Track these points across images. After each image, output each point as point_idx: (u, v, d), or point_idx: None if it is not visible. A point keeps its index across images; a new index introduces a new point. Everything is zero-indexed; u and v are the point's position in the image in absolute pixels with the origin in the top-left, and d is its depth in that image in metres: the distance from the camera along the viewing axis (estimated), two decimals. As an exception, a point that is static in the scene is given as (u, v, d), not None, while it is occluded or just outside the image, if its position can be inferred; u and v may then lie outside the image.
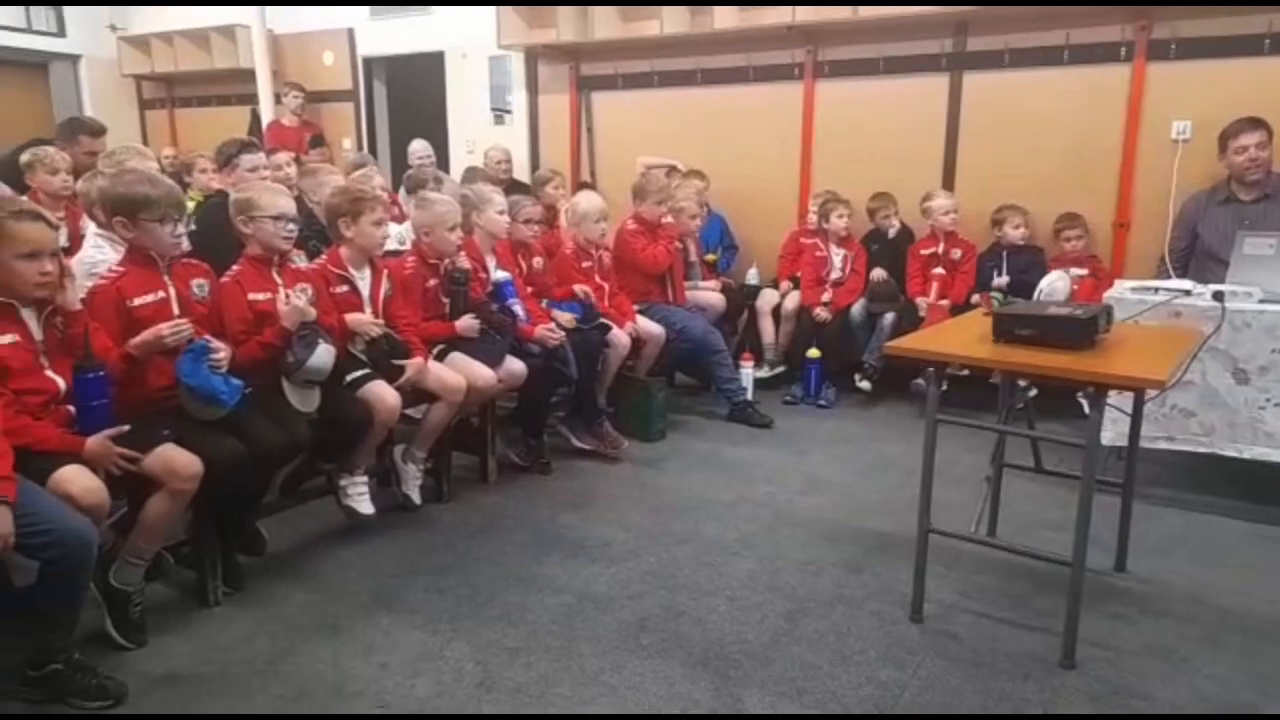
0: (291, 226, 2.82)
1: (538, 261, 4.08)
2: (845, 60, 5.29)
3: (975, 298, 4.54)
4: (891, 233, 5.00)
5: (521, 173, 6.42)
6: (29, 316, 2.21)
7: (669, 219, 4.59)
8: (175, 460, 2.29)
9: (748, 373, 4.67)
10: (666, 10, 5.38)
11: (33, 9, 7.97)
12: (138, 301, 2.46)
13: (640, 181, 4.66)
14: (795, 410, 4.73)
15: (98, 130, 4.69)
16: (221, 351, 2.46)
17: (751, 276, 5.40)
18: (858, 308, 4.81)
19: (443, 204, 3.46)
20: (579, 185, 6.06)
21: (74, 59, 8.24)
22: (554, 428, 4.04)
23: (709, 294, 4.93)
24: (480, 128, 6.85)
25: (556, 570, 2.86)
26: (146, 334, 2.37)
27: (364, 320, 3.05)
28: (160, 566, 2.55)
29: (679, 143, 5.80)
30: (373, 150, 7.57)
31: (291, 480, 2.99)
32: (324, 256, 3.15)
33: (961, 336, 2.50)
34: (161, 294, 2.51)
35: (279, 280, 2.82)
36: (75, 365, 2.22)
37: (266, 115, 7.59)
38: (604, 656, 2.34)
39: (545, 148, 6.61)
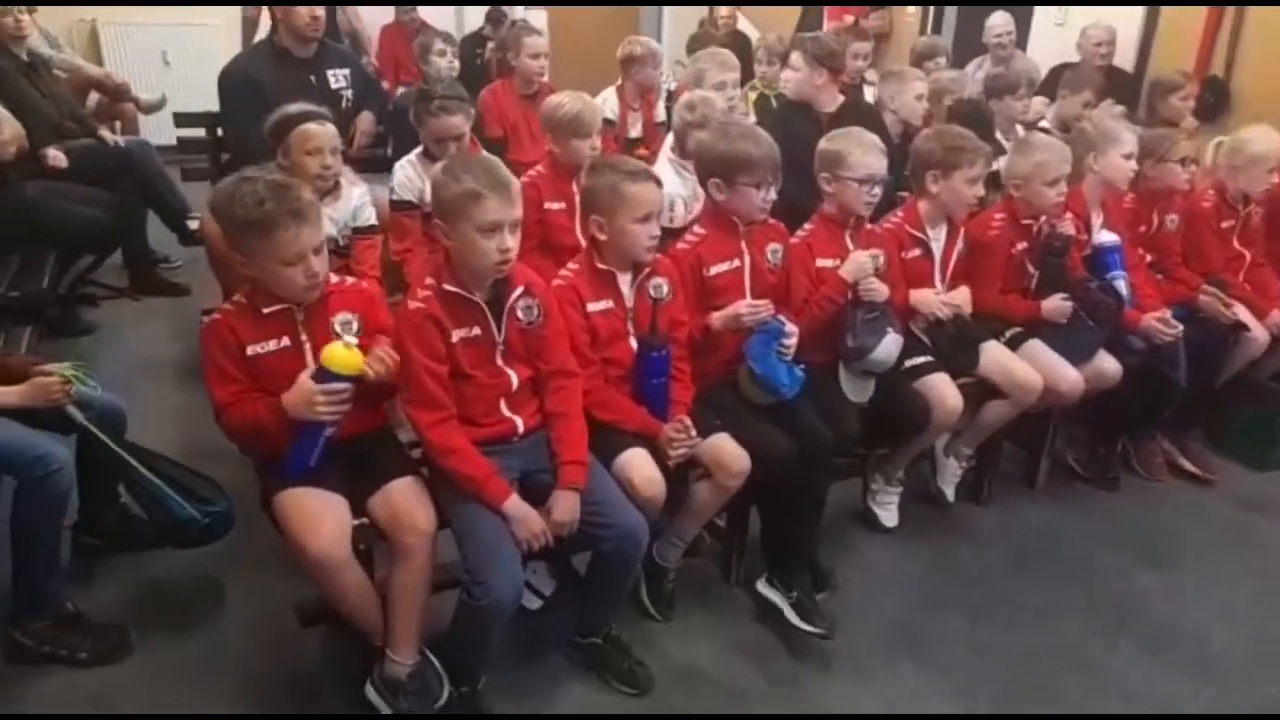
0: (877, 190, 2.39)
1: (1171, 220, 3.14)
2: None
3: None
4: None
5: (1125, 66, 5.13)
6: (625, 283, 2.14)
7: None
8: (724, 453, 2.12)
9: None
10: None
11: None
12: (714, 270, 2.27)
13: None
14: None
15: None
16: (793, 336, 2.20)
17: None
18: None
19: (1045, 149, 2.73)
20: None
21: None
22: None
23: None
24: (1081, -2, 5.56)
25: (1130, 671, 2.24)
26: (727, 312, 2.20)
27: (931, 300, 2.55)
28: (696, 545, 2.50)
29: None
30: (938, 23, 6.75)
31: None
32: (899, 214, 2.67)
33: None
34: (737, 262, 2.30)
35: (850, 246, 2.45)
36: (640, 339, 2.12)
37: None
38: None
39: (1168, 39, 5.14)
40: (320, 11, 3.44)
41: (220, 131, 3.80)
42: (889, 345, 2.33)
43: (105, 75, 5.82)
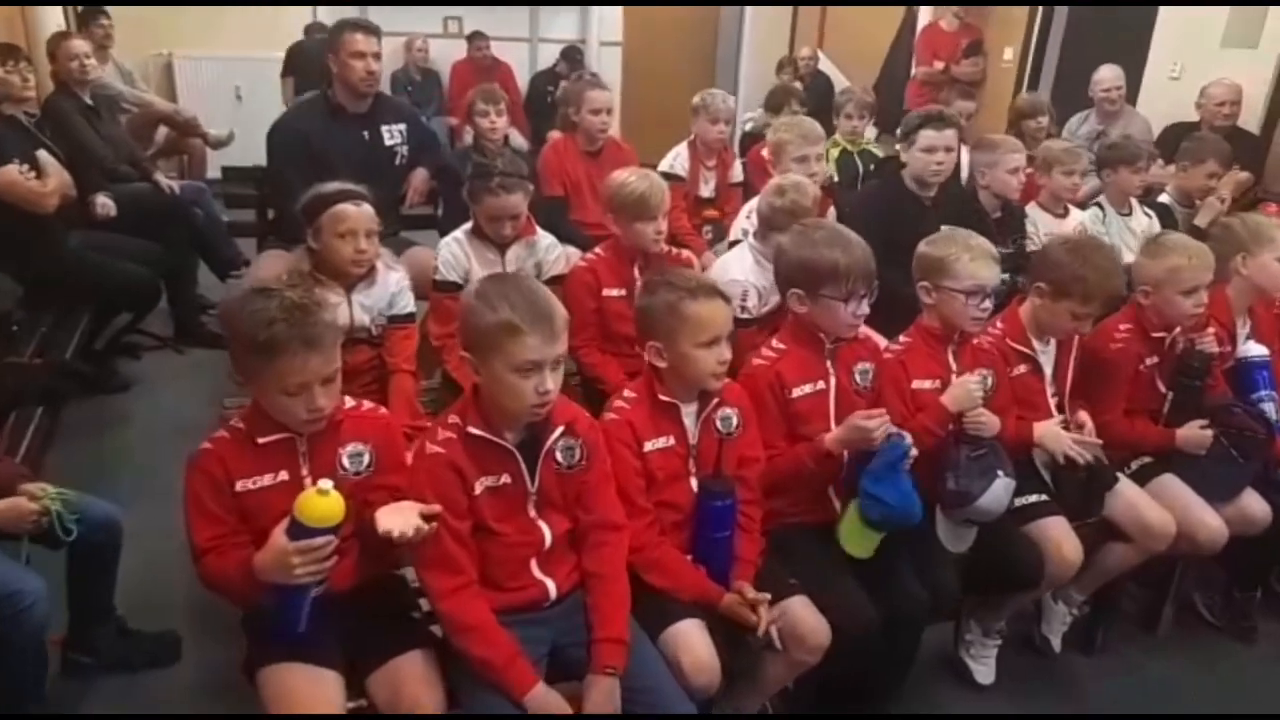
0: (987, 304, 2.03)
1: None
2: None
3: None
4: None
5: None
6: (688, 415, 1.82)
7: None
8: (802, 623, 1.76)
9: None
10: None
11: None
12: (797, 392, 1.94)
13: None
14: None
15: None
16: (914, 451, 1.85)
17: None
18: None
19: (1181, 251, 2.32)
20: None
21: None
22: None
23: None
24: (1200, 49, 5.08)
25: None
26: (849, 424, 1.85)
27: (1060, 439, 2.14)
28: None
29: None
30: (1035, 74, 6.30)
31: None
32: (999, 324, 2.29)
33: None
34: (821, 384, 1.96)
35: (953, 365, 2.09)
36: (703, 485, 1.79)
37: (924, 17, 6.77)
38: None
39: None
40: (376, 66, 3.23)
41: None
42: (999, 492, 1.95)
43: (174, 110, 5.80)
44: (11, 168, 3.12)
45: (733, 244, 3.17)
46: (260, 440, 1.58)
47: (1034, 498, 2.15)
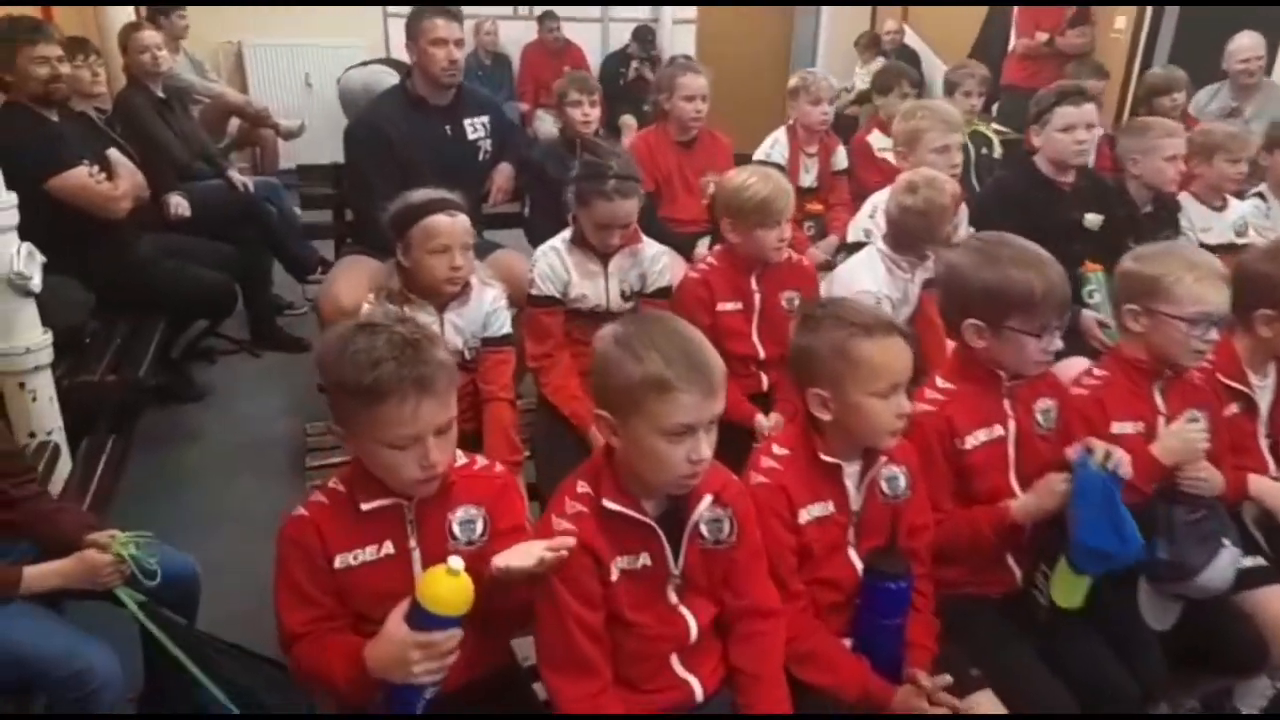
0: (1214, 334, 1.68)
1: None
2: None
3: None
4: None
5: None
6: (850, 476, 1.53)
7: None
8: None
9: None
10: None
11: None
12: (969, 441, 1.63)
13: None
14: None
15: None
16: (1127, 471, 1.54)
17: None
18: None
19: None
20: None
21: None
22: None
23: None
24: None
25: None
26: (1027, 500, 1.56)
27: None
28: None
29: None
30: (1150, 45, 5.76)
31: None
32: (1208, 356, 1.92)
33: None
34: (998, 429, 1.64)
35: (1161, 405, 1.75)
36: (871, 564, 1.50)
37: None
38: None
39: None
40: (459, 55, 2.97)
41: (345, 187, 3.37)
42: (1224, 565, 1.62)
43: (246, 102, 5.67)
44: (81, 170, 2.94)
45: (849, 246, 2.84)
46: (364, 506, 1.34)
47: (1249, 562, 1.79)
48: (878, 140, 3.84)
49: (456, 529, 1.37)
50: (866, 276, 2.32)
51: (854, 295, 2.26)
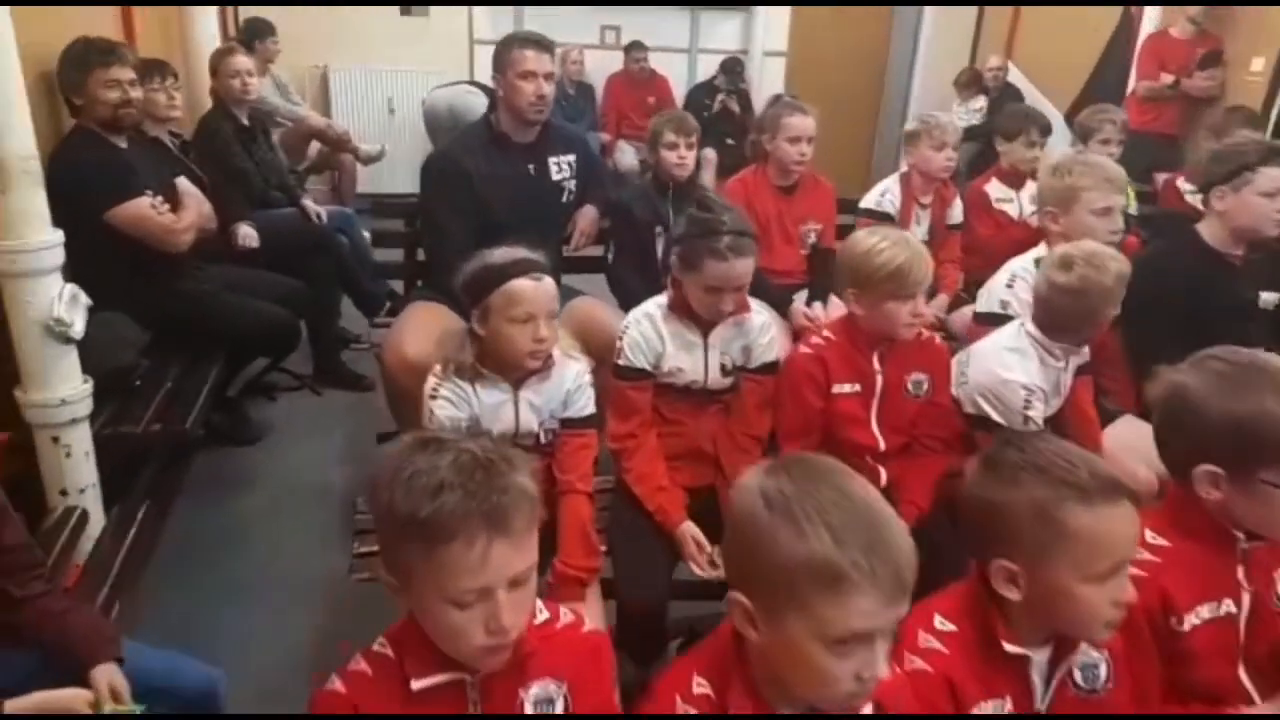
0: None
1: None
2: None
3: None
4: None
5: None
6: (1036, 668, 1.17)
7: None
8: None
9: None
10: None
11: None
12: (1191, 620, 1.27)
13: None
14: None
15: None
16: None
17: None
18: None
19: None
20: None
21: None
22: None
23: None
24: None
25: None
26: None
27: None
28: None
29: None
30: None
31: None
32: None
33: None
34: (1229, 605, 1.28)
35: None
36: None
37: (1149, 23, 5.80)
38: None
39: None
40: (548, 89, 2.72)
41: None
42: None
43: (327, 125, 5.61)
44: (144, 200, 2.78)
45: (983, 316, 2.49)
46: (415, 685, 1.05)
47: None
48: (996, 190, 3.49)
49: (529, 707, 1.07)
50: (1016, 365, 1.97)
51: (998, 385, 1.94)
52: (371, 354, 3.88)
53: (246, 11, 5.57)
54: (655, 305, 2.02)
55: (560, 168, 2.90)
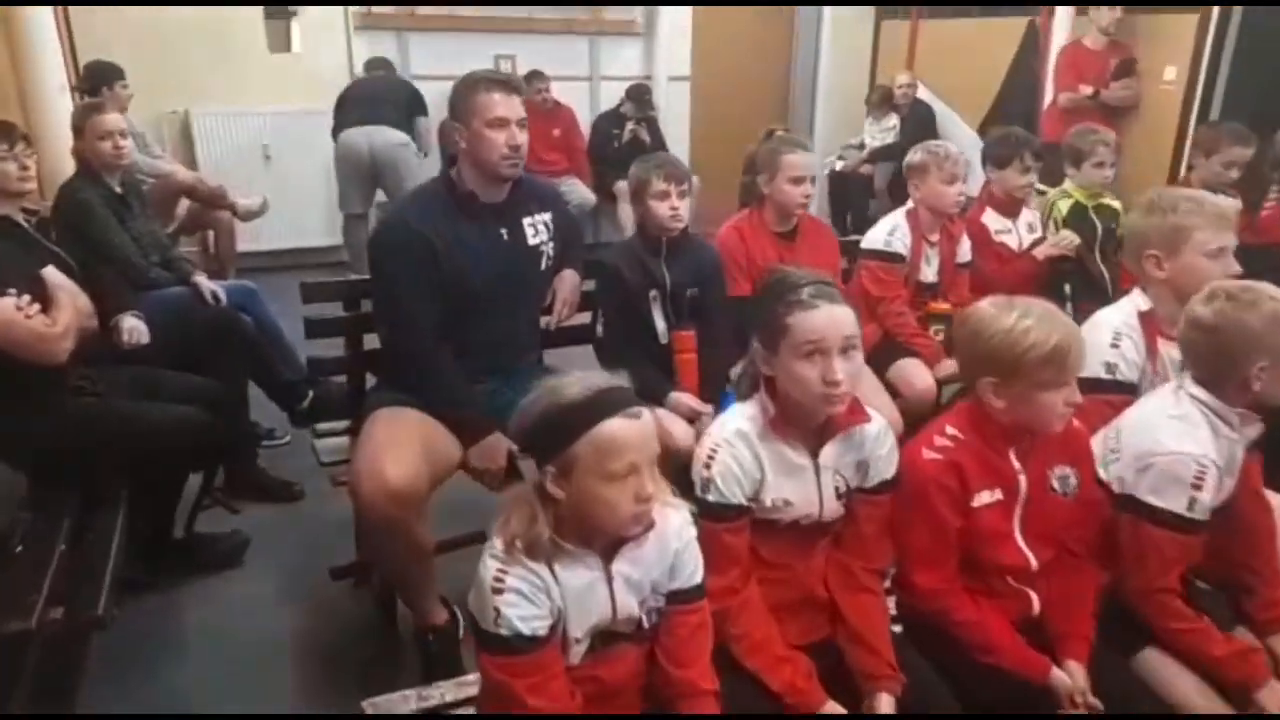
0: None
1: None
2: None
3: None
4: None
5: None
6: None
7: None
8: None
9: None
10: None
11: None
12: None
13: None
14: None
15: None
16: None
17: None
18: None
19: None
20: None
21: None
22: None
23: None
24: None
25: None
26: None
27: None
28: None
29: None
30: (1209, 94, 5.31)
31: None
32: None
33: None
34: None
35: None
36: None
37: (1060, 33, 5.80)
38: None
39: None
40: (523, 138, 2.24)
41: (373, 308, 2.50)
42: None
43: (197, 180, 4.91)
44: (8, 301, 2.13)
45: (1085, 383, 2.15)
46: None
47: None
48: (994, 221, 3.23)
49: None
50: (1187, 436, 1.63)
51: (1169, 461, 1.60)
52: (294, 452, 3.29)
53: (86, 54, 4.72)
54: (746, 421, 1.56)
55: (536, 229, 2.41)
